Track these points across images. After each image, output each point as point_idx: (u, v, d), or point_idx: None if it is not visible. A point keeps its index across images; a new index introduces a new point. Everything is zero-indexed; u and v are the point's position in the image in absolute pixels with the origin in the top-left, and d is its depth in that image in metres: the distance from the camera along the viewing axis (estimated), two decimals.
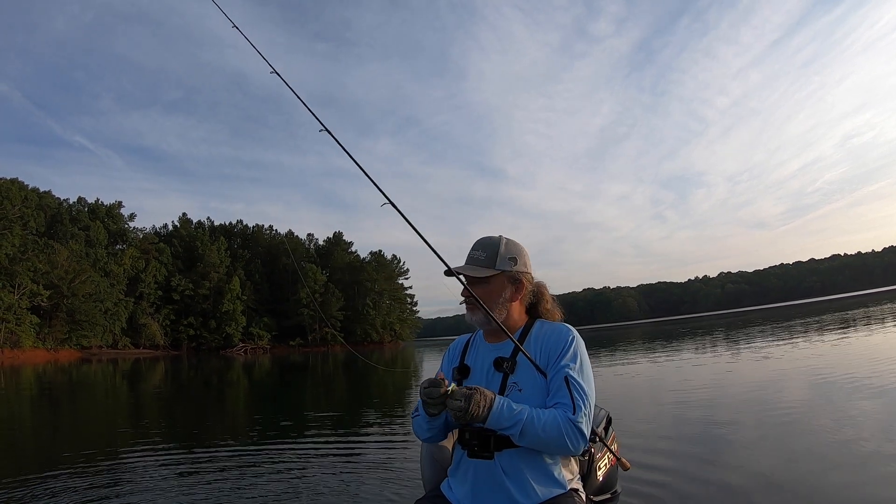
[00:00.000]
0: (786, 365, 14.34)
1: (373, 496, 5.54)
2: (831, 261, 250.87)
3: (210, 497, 5.71)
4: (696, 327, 52.28)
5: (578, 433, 2.09)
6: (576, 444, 2.10)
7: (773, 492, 4.82)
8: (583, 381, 2.18)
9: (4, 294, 66.44)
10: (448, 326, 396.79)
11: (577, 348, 2.26)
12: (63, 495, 5.89)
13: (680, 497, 4.89)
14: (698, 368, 16.46)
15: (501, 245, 2.39)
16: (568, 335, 2.29)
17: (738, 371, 14.62)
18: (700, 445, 6.72)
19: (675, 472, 5.63)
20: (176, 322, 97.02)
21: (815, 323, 31.59)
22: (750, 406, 9.14)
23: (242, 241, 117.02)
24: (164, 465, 7.48)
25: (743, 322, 49.82)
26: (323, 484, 6.05)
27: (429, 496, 2.45)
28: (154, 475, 6.84)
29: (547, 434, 2.08)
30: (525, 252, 2.45)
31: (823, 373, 11.84)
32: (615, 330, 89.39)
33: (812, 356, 15.60)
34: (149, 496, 5.85)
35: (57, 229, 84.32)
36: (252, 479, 6.45)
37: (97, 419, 14.05)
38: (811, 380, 11.28)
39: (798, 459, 5.73)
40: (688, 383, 13.10)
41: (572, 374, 2.18)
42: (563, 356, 2.22)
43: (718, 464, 5.79)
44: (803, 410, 8.34)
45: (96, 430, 11.84)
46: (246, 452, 8.11)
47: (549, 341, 2.30)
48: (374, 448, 8.14)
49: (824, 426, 7.11)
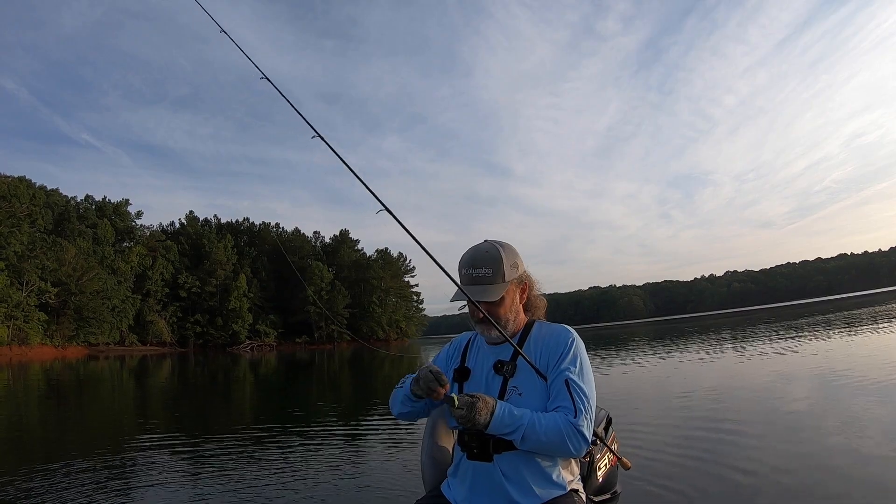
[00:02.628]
0: (792, 365, 14.28)
1: (374, 495, 5.58)
2: (838, 260, 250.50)
3: (214, 493, 5.77)
4: (702, 326, 52.00)
5: (580, 436, 2.08)
6: (577, 447, 2.09)
7: (774, 491, 4.82)
8: (583, 384, 2.17)
9: (13, 291, 66.58)
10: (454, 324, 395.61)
11: (577, 350, 2.24)
12: (70, 490, 5.94)
13: (681, 496, 4.89)
14: (703, 367, 16.45)
15: (502, 254, 2.30)
16: (568, 337, 2.27)
17: (743, 370, 14.58)
18: (702, 445, 6.69)
19: (676, 471, 5.64)
20: (183, 319, 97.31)
21: (822, 322, 31.48)
22: (754, 406, 9.14)
23: (249, 238, 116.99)
24: (169, 461, 7.58)
25: (749, 321, 49.56)
26: (325, 482, 6.11)
27: (429, 496, 2.45)
28: (159, 470, 6.92)
29: (549, 438, 2.08)
30: (517, 250, 2.39)
31: (829, 373, 11.79)
32: (620, 329, 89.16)
33: (818, 356, 15.50)
34: (155, 491, 5.92)
35: (64, 227, 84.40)
36: (255, 475, 6.51)
37: (104, 415, 14.17)
38: (817, 380, 11.23)
39: (801, 460, 5.73)
40: (692, 383, 13.10)
41: (573, 378, 2.16)
42: (563, 359, 2.20)
43: (720, 463, 5.78)
44: (809, 411, 8.33)
45: (103, 426, 11.98)
46: (249, 448, 8.19)
47: (548, 344, 2.27)
48: (377, 446, 8.19)
49: (829, 427, 7.09)
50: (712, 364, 17.18)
